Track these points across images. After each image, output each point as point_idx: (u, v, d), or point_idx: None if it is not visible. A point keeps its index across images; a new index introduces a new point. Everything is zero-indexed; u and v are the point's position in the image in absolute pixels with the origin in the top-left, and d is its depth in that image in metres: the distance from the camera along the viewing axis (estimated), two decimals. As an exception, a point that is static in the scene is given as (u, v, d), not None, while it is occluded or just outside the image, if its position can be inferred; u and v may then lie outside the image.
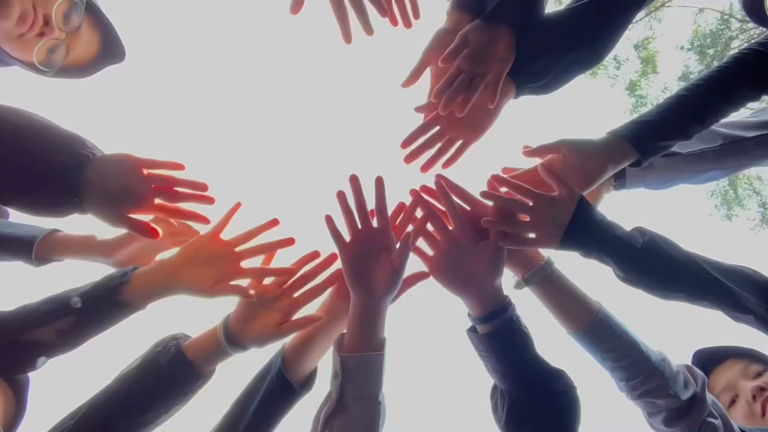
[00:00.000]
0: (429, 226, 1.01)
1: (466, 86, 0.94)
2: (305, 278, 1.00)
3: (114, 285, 0.90)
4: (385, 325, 0.96)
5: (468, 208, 1.00)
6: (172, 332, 0.98)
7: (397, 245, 0.97)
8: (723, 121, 1.08)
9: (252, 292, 0.95)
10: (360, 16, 0.85)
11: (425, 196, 1.02)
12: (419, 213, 1.02)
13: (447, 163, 1.05)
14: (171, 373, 0.92)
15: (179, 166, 0.96)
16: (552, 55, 0.98)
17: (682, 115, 1.01)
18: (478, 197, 1.00)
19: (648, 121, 1.02)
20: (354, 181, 0.96)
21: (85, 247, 1.08)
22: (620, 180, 1.13)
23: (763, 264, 1.00)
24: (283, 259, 1.02)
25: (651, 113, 1.03)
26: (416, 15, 0.90)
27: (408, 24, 0.90)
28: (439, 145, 1.04)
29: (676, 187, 1.18)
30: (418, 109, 1.02)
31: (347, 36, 0.86)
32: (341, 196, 0.96)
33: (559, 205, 0.94)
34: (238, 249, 0.97)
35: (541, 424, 0.91)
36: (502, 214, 0.97)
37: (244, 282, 0.97)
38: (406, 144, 1.03)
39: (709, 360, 1.23)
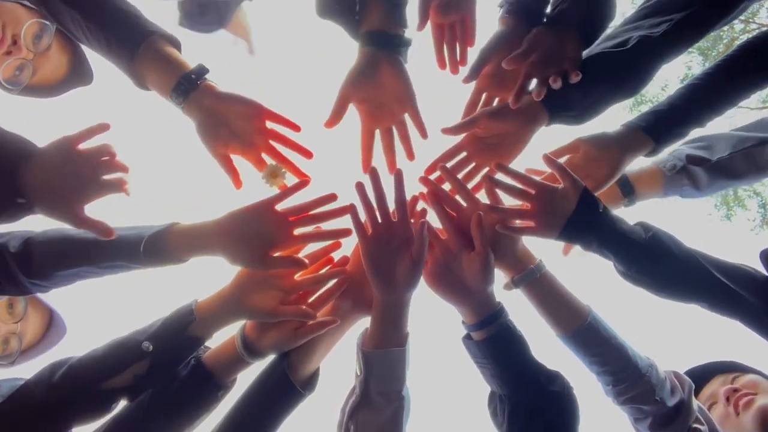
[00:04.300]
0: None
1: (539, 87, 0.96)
2: (318, 283, 0.98)
3: (181, 325, 0.92)
4: (407, 320, 0.95)
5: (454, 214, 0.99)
6: None
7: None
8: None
9: (311, 312, 0.94)
10: (387, 153, 0.99)
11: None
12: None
13: (475, 189, 1.03)
14: (191, 385, 0.92)
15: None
16: (589, 86, 0.98)
17: (693, 103, 1.02)
18: (465, 204, 0.98)
19: (660, 110, 1.04)
20: (373, 173, 0.95)
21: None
22: (631, 196, 1.14)
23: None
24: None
25: (663, 103, 1.05)
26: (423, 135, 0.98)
27: (411, 157, 1.00)
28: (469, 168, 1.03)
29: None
30: (446, 131, 1.01)
31: (367, 164, 0.99)
32: (360, 187, 0.94)
33: (562, 195, 0.93)
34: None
35: (543, 426, 0.91)
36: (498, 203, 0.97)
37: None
38: (430, 171, 1.02)
39: (697, 378, 1.22)
